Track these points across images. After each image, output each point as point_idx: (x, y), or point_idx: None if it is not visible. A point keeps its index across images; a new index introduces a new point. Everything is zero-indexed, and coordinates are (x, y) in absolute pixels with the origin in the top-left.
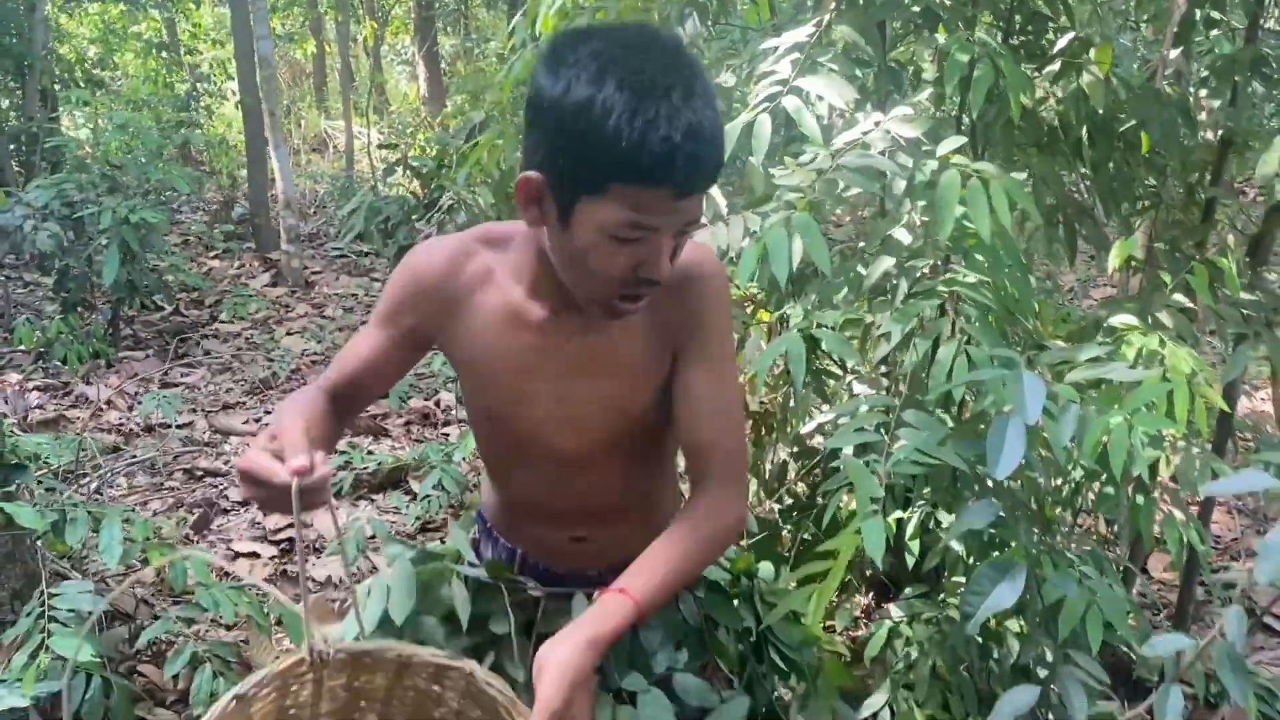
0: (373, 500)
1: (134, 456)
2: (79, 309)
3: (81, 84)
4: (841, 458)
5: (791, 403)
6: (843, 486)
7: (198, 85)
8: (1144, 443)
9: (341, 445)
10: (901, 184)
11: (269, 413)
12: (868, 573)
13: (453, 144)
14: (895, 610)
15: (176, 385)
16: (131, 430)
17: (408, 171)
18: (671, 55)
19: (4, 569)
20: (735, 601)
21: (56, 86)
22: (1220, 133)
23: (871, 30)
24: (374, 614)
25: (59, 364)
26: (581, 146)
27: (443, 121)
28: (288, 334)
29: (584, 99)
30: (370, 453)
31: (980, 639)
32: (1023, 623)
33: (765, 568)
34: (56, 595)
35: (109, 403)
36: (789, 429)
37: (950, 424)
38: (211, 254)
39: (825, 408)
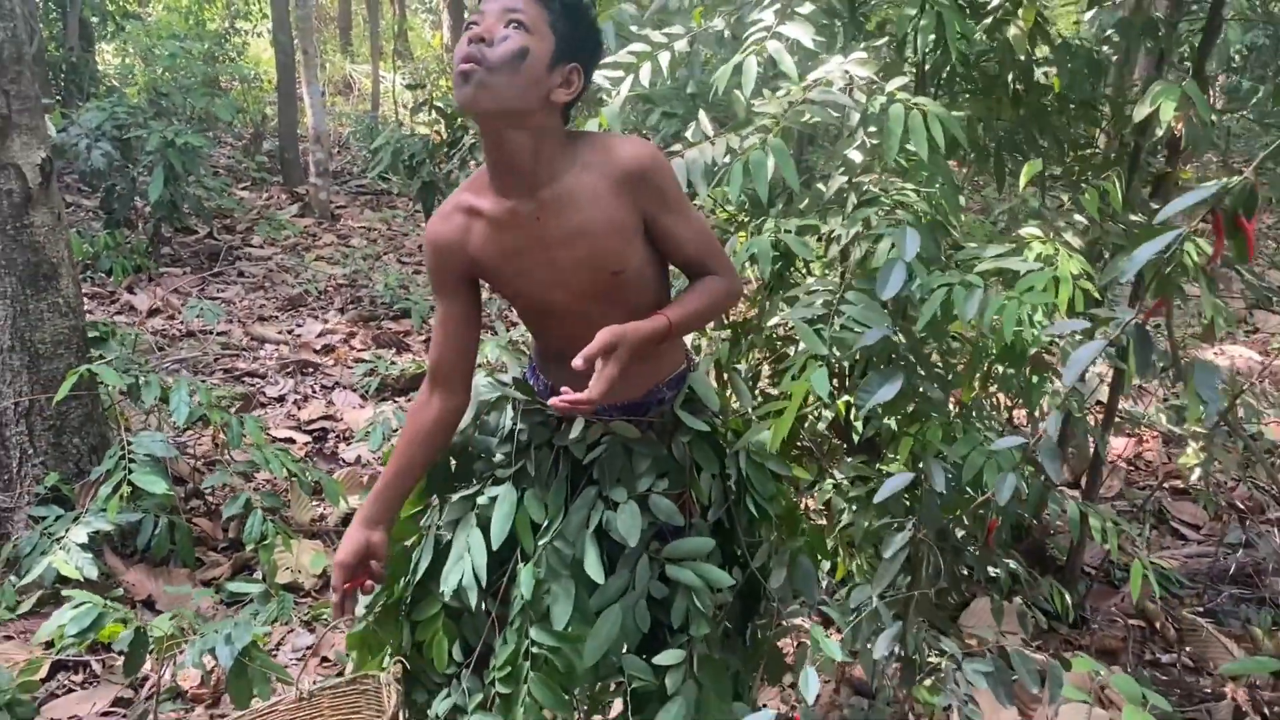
0: (396, 400)
1: (181, 356)
2: (122, 226)
3: (118, 18)
4: (795, 325)
5: (765, 301)
6: (800, 359)
7: (234, 22)
8: (1030, 318)
9: (366, 355)
10: (856, 115)
11: (300, 325)
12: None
13: None
14: (838, 474)
15: (215, 299)
16: (174, 335)
17: (433, 112)
18: None
19: (84, 427)
20: (722, 455)
21: (95, 19)
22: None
23: None
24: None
25: (104, 275)
26: None
27: None
28: (316, 259)
29: None
30: (393, 362)
31: (906, 501)
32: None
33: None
34: (133, 443)
35: (155, 310)
36: (761, 331)
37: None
38: (242, 185)
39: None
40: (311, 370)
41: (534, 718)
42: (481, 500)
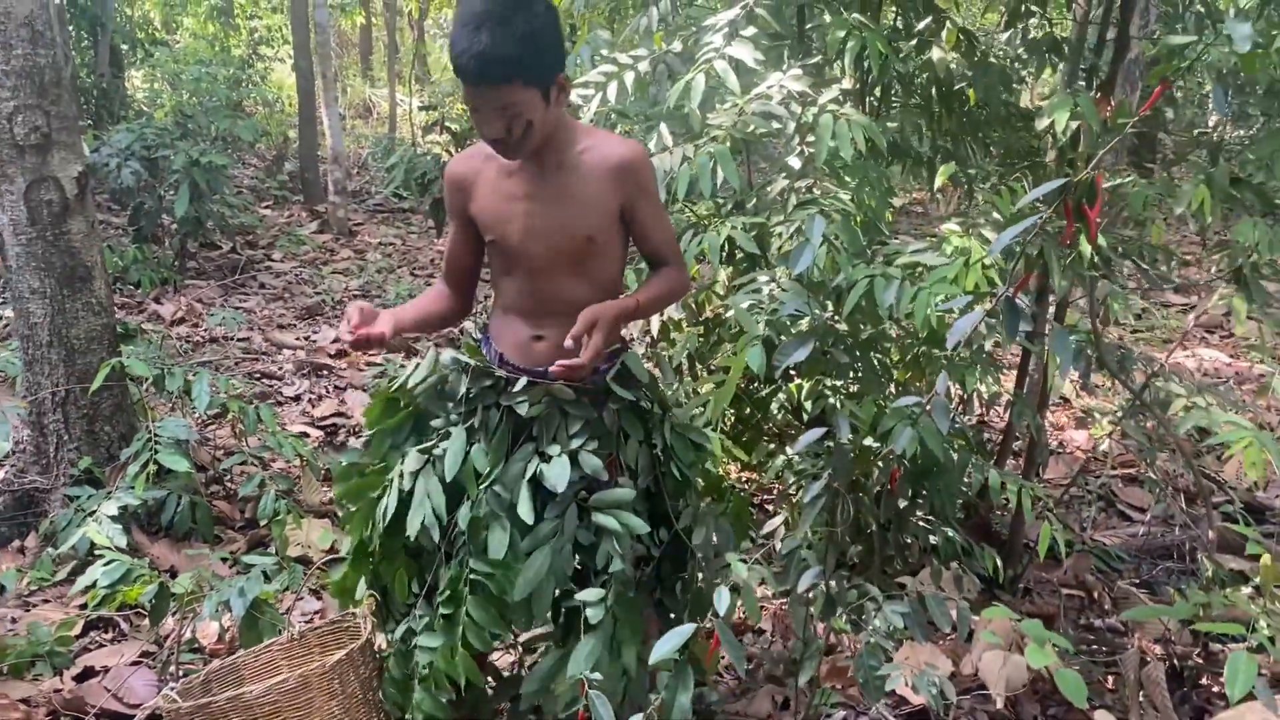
0: None
1: (205, 359)
2: (149, 241)
3: (147, 45)
4: (735, 309)
5: (717, 287)
6: (742, 341)
7: (257, 49)
8: (938, 304)
9: (378, 359)
10: (792, 125)
11: (316, 332)
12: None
13: None
14: (789, 449)
15: (237, 308)
16: (198, 341)
17: (444, 131)
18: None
19: (115, 416)
20: (649, 425)
21: (125, 46)
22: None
23: (783, 11)
24: (417, 374)
25: (133, 286)
26: None
27: None
28: (333, 272)
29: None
30: (402, 365)
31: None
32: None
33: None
34: (159, 426)
35: (181, 319)
36: (727, 325)
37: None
38: (264, 204)
39: None
40: (326, 373)
41: (473, 634)
42: (438, 453)
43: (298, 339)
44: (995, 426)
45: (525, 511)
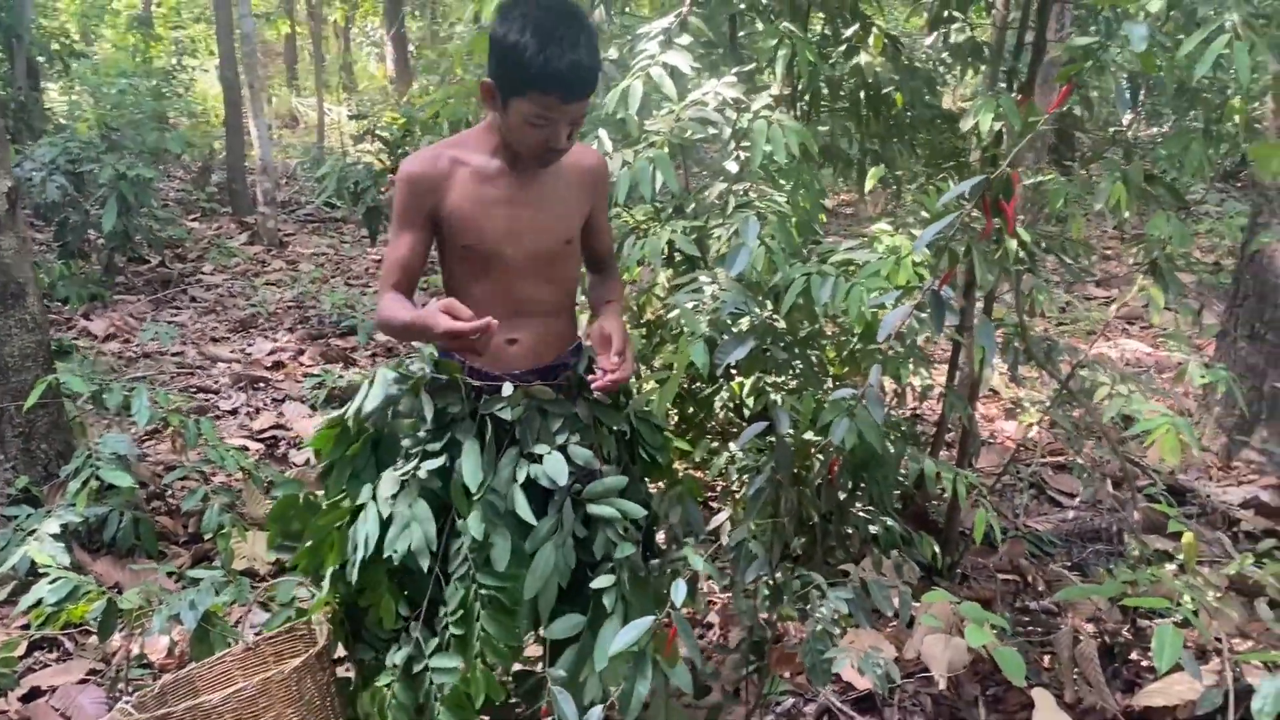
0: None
1: (139, 375)
2: (76, 257)
3: (65, 58)
4: (679, 308)
5: (658, 290)
6: (684, 339)
7: (181, 59)
8: (869, 299)
9: (315, 370)
10: (728, 130)
11: (251, 345)
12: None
13: (418, 116)
14: (733, 446)
15: (169, 323)
16: (131, 357)
17: (376, 140)
18: (575, 14)
19: (51, 434)
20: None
21: (41, 59)
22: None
23: (717, 19)
24: (369, 401)
25: (60, 303)
26: (514, 65)
27: (409, 100)
28: (266, 283)
29: (516, 39)
30: (340, 376)
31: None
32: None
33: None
34: (100, 443)
35: (111, 335)
36: (668, 327)
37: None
38: (191, 216)
39: None
40: (263, 385)
41: (488, 650)
42: (421, 474)
43: (232, 352)
44: (929, 419)
45: (525, 513)
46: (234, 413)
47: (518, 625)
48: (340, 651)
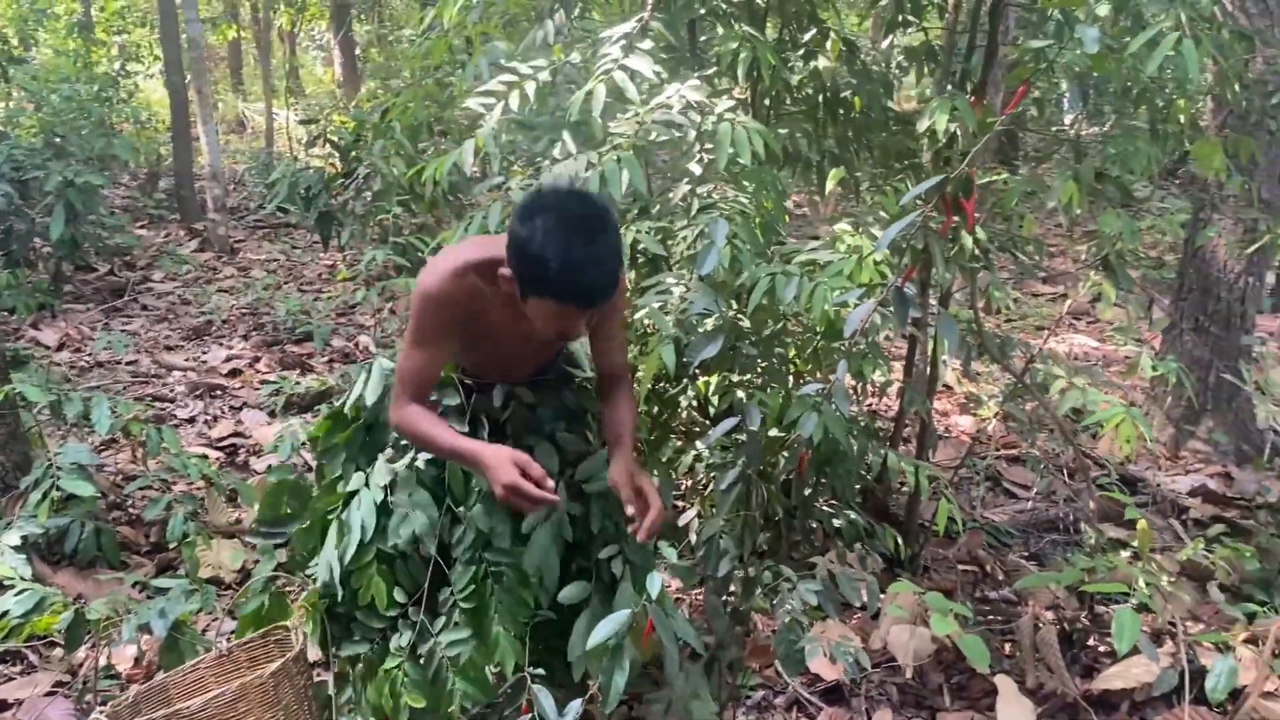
0: (303, 415)
1: (93, 384)
2: (22, 265)
3: (3, 63)
4: (647, 309)
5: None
6: (654, 341)
7: (125, 65)
8: (833, 298)
9: (272, 377)
10: (693, 133)
11: (206, 352)
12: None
13: (369, 120)
14: (700, 444)
15: (121, 332)
16: (84, 367)
17: (327, 145)
18: (598, 225)
19: (8, 445)
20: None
21: None
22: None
23: (677, 24)
24: (370, 391)
25: (7, 313)
26: (535, 276)
27: (357, 104)
28: (218, 290)
29: (538, 253)
30: (297, 382)
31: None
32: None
33: None
34: (60, 453)
35: (62, 344)
36: (633, 328)
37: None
38: (139, 224)
39: None
40: (220, 393)
41: (505, 620)
42: (419, 465)
43: (187, 360)
44: (886, 415)
45: None
46: (191, 421)
47: (528, 597)
48: (315, 655)
